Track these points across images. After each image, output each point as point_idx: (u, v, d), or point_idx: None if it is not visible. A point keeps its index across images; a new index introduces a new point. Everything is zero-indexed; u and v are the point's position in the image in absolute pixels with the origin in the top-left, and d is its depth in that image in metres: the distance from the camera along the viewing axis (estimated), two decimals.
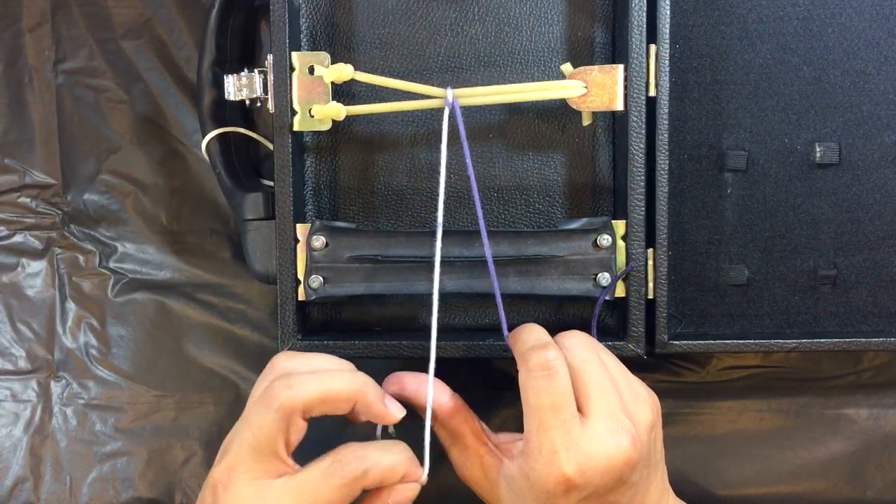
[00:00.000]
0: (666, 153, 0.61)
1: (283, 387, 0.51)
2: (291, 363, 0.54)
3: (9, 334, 0.71)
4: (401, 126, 0.66)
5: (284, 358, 0.54)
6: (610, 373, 0.54)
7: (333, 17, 0.65)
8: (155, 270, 0.71)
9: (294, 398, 0.50)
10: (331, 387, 0.52)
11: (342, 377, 0.53)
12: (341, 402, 0.52)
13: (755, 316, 0.67)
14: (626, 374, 0.56)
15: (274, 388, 0.51)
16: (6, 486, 0.70)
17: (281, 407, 0.50)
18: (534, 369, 0.52)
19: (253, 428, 0.51)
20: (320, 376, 0.52)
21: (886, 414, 0.70)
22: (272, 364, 0.54)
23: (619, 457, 0.52)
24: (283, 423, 0.51)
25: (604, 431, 0.52)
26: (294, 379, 0.51)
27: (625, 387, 0.55)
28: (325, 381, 0.52)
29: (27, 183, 0.71)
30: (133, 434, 0.70)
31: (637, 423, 0.53)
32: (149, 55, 0.70)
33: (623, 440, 0.52)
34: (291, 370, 0.53)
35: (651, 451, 0.54)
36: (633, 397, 0.55)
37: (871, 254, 0.67)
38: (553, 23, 0.65)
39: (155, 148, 0.71)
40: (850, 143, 0.66)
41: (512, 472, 0.54)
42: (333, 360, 0.55)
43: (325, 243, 0.62)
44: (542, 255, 0.62)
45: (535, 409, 0.52)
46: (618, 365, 0.56)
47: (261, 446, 0.51)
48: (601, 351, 0.56)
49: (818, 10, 0.66)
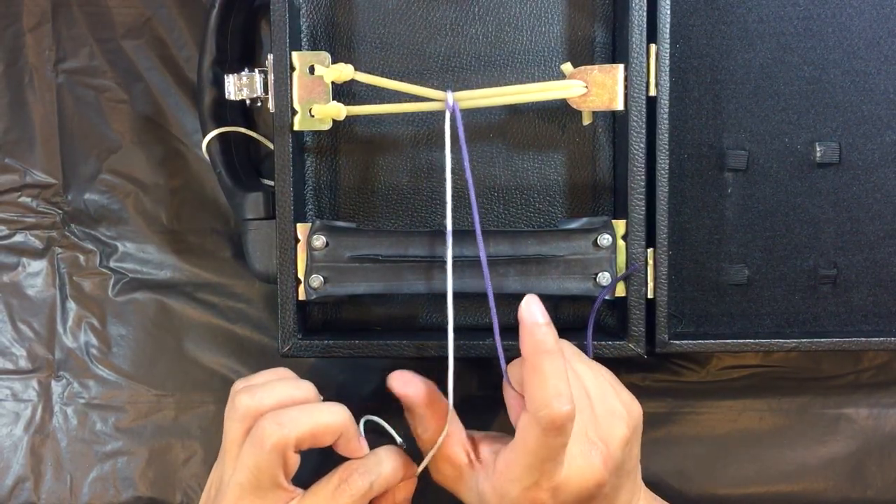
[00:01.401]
0: (666, 153, 0.61)
1: (274, 425, 0.52)
2: (254, 401, 0.54)
3: (9, 334, 0.71)
4: (401, 126, 0.66)
5: (247, 397, 0.54)
6: (586, 388, 0.55)
7: (334, 16, 0.65)
8: (155, 270, 0.71)
9: (287, 435, 0.52)
10: (320, 421, 0.53)
11: (330, 410, 0.54)
12: (328, 435, 0.54)
13: (755, 315, 0.67)
14: (602, 387, 0.56)
15: (263, 428, 0.52)
16: (7, 485, 0.70)
17: (275, 446, 0.52)
18: (547, 429, 0.51)
19: (250, 468, 0.52)
20: (309, 411, 0.53)
21: (887, 413, 0.70)
22: (234, 405, 0.54)
23: (591, 478, 0.53)
24: (279, 459, 0.52)
25: (577, 454, 0.52)
26: (283, 416, 0.52)
27: (599, 403, 0.54)
28: (315, 415, 0.53)
29: (28, 182, 0.71)
30: (133, 433, 0.71)
31: (610, 441, 0.54)
32: (149, 55, 0.70)
33: (595, 461, 0.53)
34: (258, 405, 0.54)
35: (624, 462, 0.55)
36: (608, 414, 0.54)
37: (871, 253, 0.67)
38: (553, 22, 0.65)
39: (155, 147, 0.71)
40: (850, 143, 0.66)
41: (485, 487, 0.55)
42: (291, 384, 0.56)
43: (325, 243, 0.62)
44: (543, 254, 0.62)
45: (522, 448, 0.52)
46: (595, 377, 0.56)
47: (262, 484, 0.52)
48: (580, 362, 0.56)
49: (818, 10, 0.66)
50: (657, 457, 0.68)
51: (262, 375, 0.57)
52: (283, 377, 0.57)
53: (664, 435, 0.69)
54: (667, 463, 0.69)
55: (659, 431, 0.69)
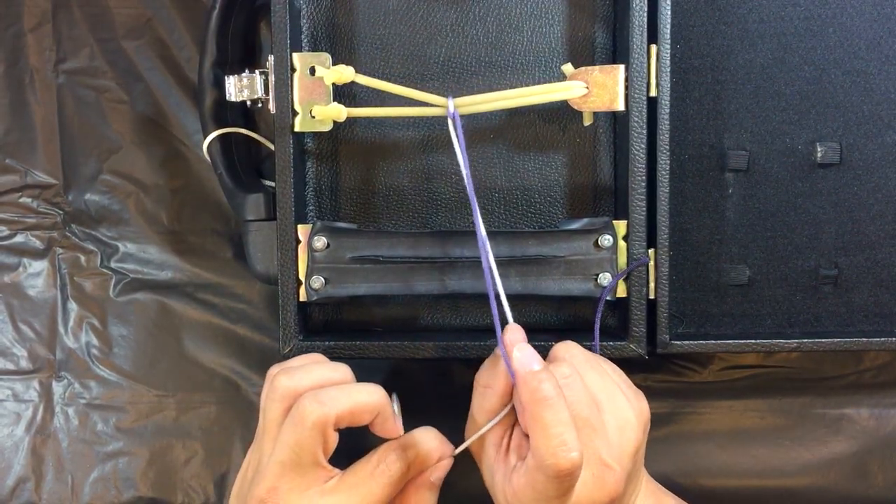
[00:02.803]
0: (667, 153, 0.61)
1: (315, 403, 0.52)
2: (293, 381, 0.54)
3: (10, 334, 0.71)
4: (402, 128, 0.66)
5: (286, 378, 0.54)
6: (597, 401, 0.54)
7: (334, 17, 0.65)
8: (156, 270, 0.71)
9: (327, 413, 0.52)
10: (359, 400, 0.53)
11: (367, 390, 0.54)
12: (366, 414, 0.54)
13: (756, 316, 0.67)
14: (612, 394, 0.55)
15: (304, 406, 0.52)
16: (8, 485, 0.70)
17: (315, 423, 0.52)
18: (553, 477, 0.50)
19: (291, 446, 0.52)
20: (348, 391, 0.54)
21: (888, 414, 0.70)
22: (273, 385, 0.55)
23: (603, 499, 0.52)
24: (320, 437, 0.52)
25: (589, 479, 0.52)
26: (323, 395, 0.53)
27: (610, 416, 0.54)
28: (353, 394, 0.53)
29: (28, 183, 0.71)
30: (134, 434, 0.71)
31: (622, 458, 0.53)
32: (150, 55, 0.70)
33: (609, 482, 0.52)
34: (297, 385, 0.54)
35: (634, 469, 0.55)
36: (620, 428, 0.54)
37: (872, 253, 0.67)
38: (554, 23, 0.65)
39: (156, 148, 0.71)
40: (851, 143, 0.66)
41: (499, 484, 0.54)
42: (327, 366, 0.56)
43: (326, 244, 0.62)
44: (544, 255, 0.62)
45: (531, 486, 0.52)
46: (604, 383, 0.55)
47: (302, 461, 0.52)
48: (589, 369, 0.55)
49: (819, 10, 0.66)
50: (659, 457, 0.68)
51: (298, 360, 0.57)
52: (319, 360, 0.57)
53: (666, 435, 0.69)
54: (668, 463, 0.69)
55: (660, 432, 0.69)
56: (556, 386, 0.51)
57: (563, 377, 0.53)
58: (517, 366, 0.52)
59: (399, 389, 0.69)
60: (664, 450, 0.69)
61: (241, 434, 0.70)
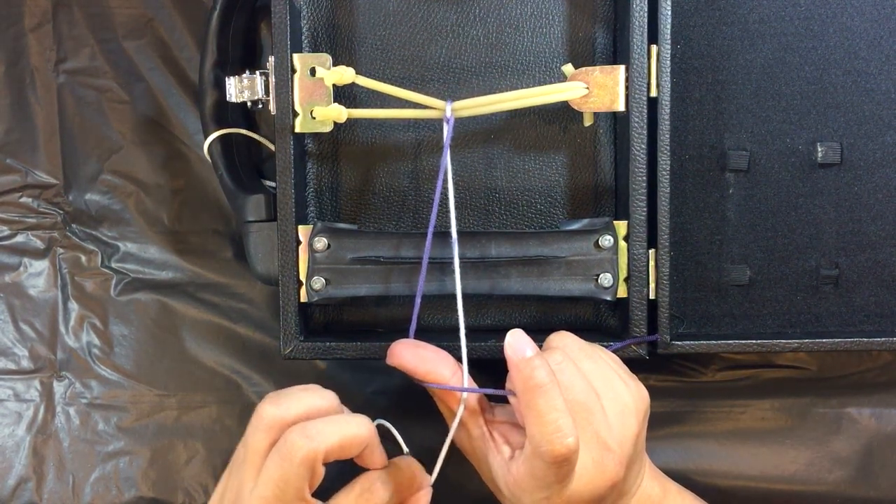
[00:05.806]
0: (667, 153, 0.61)
1: (303, 438, 0.50)
2: (279, 410, 0.52)
3: (11, 334, 0.71)
4: (402, 129, 0.66)
5: (272, 406, 0.53)
6: (595, 389, 0.54)
7: (334, 18, 0.65)
8: (157, 270, 0.71)
9: (316, 448, 0.50)
10: (348, 433, 0.52)
11: (356, 421, 0.53)
12: (355, 447, 0.53)
13: (757, 316, 0.67)
14: (610, 381, 0.55)
15: (292, 440, 0.50)
16: (9, 485, 0.70)
17: (304, 459, 0.50)
18: (550, 463, 0.51)
19: (276, 481, 0.51)
20: (336, 423, 0.52)
21: (889, 413, 0.70)
22: (259, 414, 0.53)
23: (604, 484, 0.53)
24: (308, 472, 0.51)
25: (589, 463, 0.52)
26: (311, 429, 0.51)
27: (609, 403, 0.54)
28: (343, 427, 0.52)
29: (29, 183, 0.71)
30: (135, 434, 0.71)
31: (623, 442, 0.53)
32: (150, 55, 0.70)
33: (609, 466, 0.52)
34: (283, 414, 0.52)
35: (635, 454, 0.55)
36: (619, 413, 0.54)
37: (873, 253, 0.67)
38: (554, 24, 0.65)
39: (157, 148, 0.71)
40: (851, 143, 0.66)
41: (497, 475, 0.55)
42: (317, 394, 0.54)
43: (326, 245, 0.62)
44: (544, 255, 0.62)
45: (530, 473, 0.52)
46: (602, 372, 0.55)
47: (287, 497, 0.51)
48: (585, 358, 0.55)
49: (819, 10, 0.66)
50: (660, 457, 0.68)
51: (289, 389, 0.56)
52: (307, 388, 0.55)
53: (667, 435, 0.69)
54: (670, 463, 0.69)
55: (661, 431, 0.69)
56: (549, 373, 0.51)
57: (555, 363, 0.53)
58: (510, 352, 0.52)
59: (399, 389, 0.69)
60: (665, 450, 0.69)
61: (242, 434, 0.70)
